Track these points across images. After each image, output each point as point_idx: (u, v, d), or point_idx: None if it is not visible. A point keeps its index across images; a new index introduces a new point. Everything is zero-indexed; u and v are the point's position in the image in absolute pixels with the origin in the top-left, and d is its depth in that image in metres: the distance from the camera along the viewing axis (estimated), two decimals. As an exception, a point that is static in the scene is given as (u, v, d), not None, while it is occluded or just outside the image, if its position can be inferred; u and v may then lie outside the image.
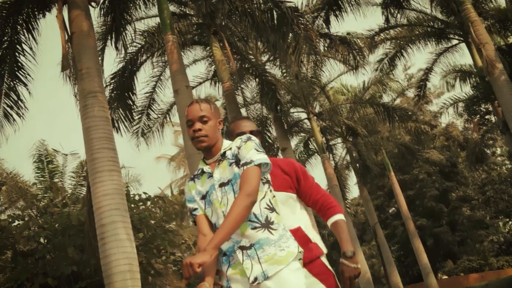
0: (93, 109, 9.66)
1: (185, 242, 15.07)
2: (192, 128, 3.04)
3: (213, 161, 3.09)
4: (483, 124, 23.18)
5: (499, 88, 15.56)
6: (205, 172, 3.09)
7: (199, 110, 3.05)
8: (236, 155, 3.03)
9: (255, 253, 2.82)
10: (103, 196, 9.07)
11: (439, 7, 22.40)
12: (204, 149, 3.06)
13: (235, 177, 2.95)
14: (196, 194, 3.12)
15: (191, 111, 3.07)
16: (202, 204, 3.07)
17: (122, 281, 8.62)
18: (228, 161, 3.03)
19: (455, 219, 32.15)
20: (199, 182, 3.13)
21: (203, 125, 3.04)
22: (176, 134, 39.43)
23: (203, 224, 3.04)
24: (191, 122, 3.06)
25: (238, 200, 2.77)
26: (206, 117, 3.05)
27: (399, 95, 31.82)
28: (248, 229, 2.86)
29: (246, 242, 2.85)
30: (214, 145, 3.07)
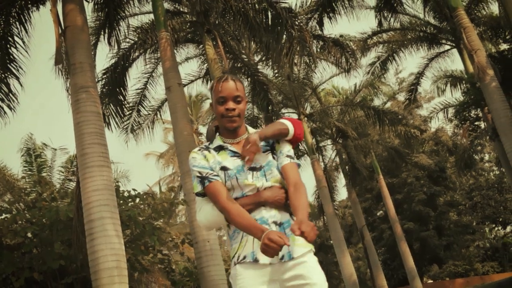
0: (85, 104, 9.62)
1: (172, 240, 15.02)
2: (225, 106, 2.94)
3: (235, 142, 3.02)
4: (473, 130, 23.29)
5: (489, 95, 15.65)
6: (226, 150, 3.01)
7: (235, 89, 2.96)
8: (272, 143, 3.02)
9: (283, 231, 2.82)
10: (93, 192, 9.03)
11: (432, 12, 22.52)
12: (233, 129, 2.98)
13: (269, 165, 2.93)
14: (214, 163, 2.99)
15: (226, 88, 2.94)
16: (222, 175, 2.95)
17: (109, 277, 8.58)
18: (262, 147, 2.97)
19: (442, 223, 32.32)
20: (217, 155, 3.02)
21: (237, 105, 2.95)
22: (166, 131, 39.35)
23: (225, 190, 2.92)
24: (224, 99, 2.94)
25: (304, 193, 2.83)
26: (240, 97, 2.96)
27: (390, 99, 31.99)
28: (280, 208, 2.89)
29: (278, 219, 2.85)
30: (241, 126, 3.02)
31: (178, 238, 15.39)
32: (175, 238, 15.33)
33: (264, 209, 2.84)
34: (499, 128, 15.56)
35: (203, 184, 2.96)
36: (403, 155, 29.64)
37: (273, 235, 2.56)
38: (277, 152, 3.00)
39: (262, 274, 2.79)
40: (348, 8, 19.75)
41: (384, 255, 34.92)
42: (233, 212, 2.81)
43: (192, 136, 13.49)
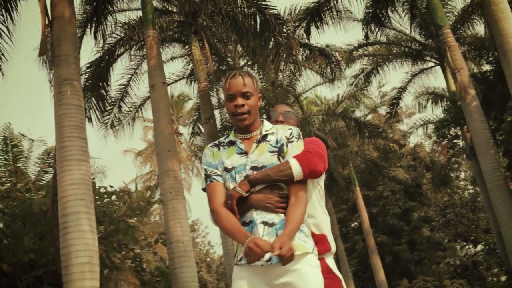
0: (68, 96, 9.54)
1: (146, 238, 14.94)
2: (234, 103, 2.90)
3: (246, 138, 2.97)
4: (451, 147, 23.54)
5: (469, 114, 15.81)
6: (235, 145, 2.98)
7: (243, 85, 2.90)
8: (282, 144, 2.94)
9: (275, 232, 2.76)
10: (70, 185, 8.95)
11: (418, 28, 22.72)
12: (245, 126, 2.92)
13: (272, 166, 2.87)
14: (219, 163, 2.98)
15: (234, 84, 2.90)
16: (224, 176, 2.94)
17: (81, 273, 8.50)
18: (269, 147, 2.92)
19: (414, 238, 32.52)
20: (224, 152, 2.99)
21: (246, 100, 2.90)
22: (146, 129, 39.16)
23: (222, 192, 2.91)
24: (233, 96, 2.90)
25: (300, 208, 2.79)
26: (250, 93, 2.91)
27: (371, 111, 32.16)
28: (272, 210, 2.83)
29: (270, 219, 2.79)
30: (253, 123, 2.95)
31: (151, 237, 15.30)
32: (149, 237, 15.24)
33: (255, 211, 2.81)
34: (477, 147, 15.73)
35: (206, 181, 2.98)
36: (380, 168, 29.82)
37: (259, 240, 2.56)
38: (285, 157, 2.93)
39: (256, 276, 2.75)
40: (336, 18, 19.83)
41: (355, 266, 35.04)
42: (221, 214, 2.81)
43: (172, 136, 13.45)
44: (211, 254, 48.34)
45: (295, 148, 2.93)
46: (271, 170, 2.83)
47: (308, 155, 2.92)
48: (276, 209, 2.80)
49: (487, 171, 15.25)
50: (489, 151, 15.34)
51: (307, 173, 2.87)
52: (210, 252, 48.49)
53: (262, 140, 2.94)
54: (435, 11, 17.07)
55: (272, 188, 2.86)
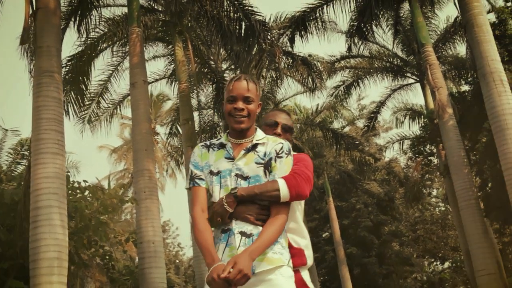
0: (47, 88, 9.43)
1: (116, 237, 14.81)
2: (234, 105, 2.89)
3: (238, 143, 2.96)
4: (425, 164, 23.76)
5: (446, 132, 15.99)
6: (225, 149, 2.97)
7: (246, 89, 2.90)
8: (270, 158, 2.92)
9: (251, 243, 2.75)
10: (44, 179, 8.84)
11: (401, 44, 22.98)
12: (240, 130, 2.92)
13: (256, 178, 2.87)
14: (205, 166, 2.97)
15: (238, 87, 2.90)
16: (208, 179, 2.94)
17: (49, 268, 8.40)
18: (257, 158, 2.91)
19: (384, 252, 32.74)
20: (213, 155, 2.98)
21: (247, 105, 2.90)
22: (122, 126, 38.86)
23: (204, 198, 2.92)
24: (234, 98, 2.90)
25: (275, 226, 2.78)
26: (251, 98, 2.91)
27: (349, 123, 32.35)
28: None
29: (248, 230, 2.79)
30: (248, 129, 2.95)
31: (122, 236, 15.17)
32: (119, 236, 15.11)
33: (234, 221, 2.81)
34: (451, 166, 15.90)
35: (190, 183, 2.98)
36: (355, 180, 29.99)
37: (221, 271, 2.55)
38: (272, 172, 2.92)
39: None
40: (321, 29, 19.94)
41: (324, 276, 35.15)
42: (199, 227, 2.81)
43: (150, 135, 13.37)
44: (180, 255, 48.12)
45: (283, 165, 2.92)
46: (258, 189, 2.82)
47: (297, 178, 2.91)
48: (255, 221, 2.81)
49: (460, 190, 15.42)
50: (462, 170, 15.52)
51: (294, 196, 2.88)
52: (180, 254, 48.28)
53: (252, 149, 2.93)
54: (418, 29, 17.25)
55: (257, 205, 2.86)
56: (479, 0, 14.83)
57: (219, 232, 2.85)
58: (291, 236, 3.12)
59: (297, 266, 3.08)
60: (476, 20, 14.33)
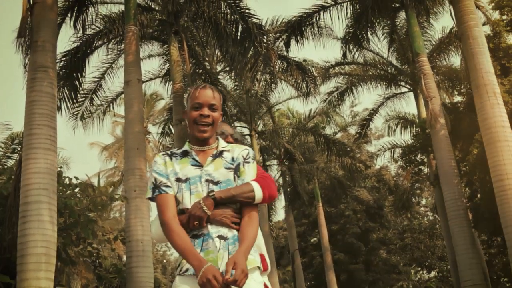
0: (41, 83, 9.41)
1: (105, 234, 14.77)
2: (200, 112, 2.91)
3: (201, 150, 2.98)
4: (415, 173, 23.85)
5: (437, 142, 16.08)
6: (189, 156, 2.98)
7: (212, 96, 2.95)
8: (239, 163, 2.97)
9: (227, 246, 2.78)
10: (34, 174, 8.82)
11: (395, 53, 23.06)
12: (204, 138, 2.95)
13: (226, 183, 2.90)
14: (171, 173, 2.96)
15: (203, 95, 2.94)
16: (175, 186, 2.93)
17: (36, 263, 8.38)
18: (226, 163, 2.95)
19: (371, 259, 32.82)
20: (177, 163, 2.97)
21: (212, 113, 2.93)
22: (114, 124, 38.74)
23: (173, 205, 2.89)
24: (200, 105, 2.92)
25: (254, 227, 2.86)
26: (216, 106, 2.95)
27: (341, 130, 32.43)
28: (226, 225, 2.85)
29: (224, 233, 2.81)
30: (212, 136, 2.99)
31: (110, 234, 15.14)
32: (108, 233, 15.08)
33: (210, 225, 2.82)
34: (441, 175, 15.99)
35: (154, 192, 2.94)
36: (345, 186, 30.05)
37: (217, 273, 2.59)
38: (240, 176, 2.96)
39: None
40: (317, 34, 20.03)
41: (311, 281, 35.19)
42: (173, 229, 2.80)
43: (142, 134, 13.37)
44: (167, 255, 48.02)
45: (251, 169, 2.99)
46: (234, 191, 2.86)
47: (266, 180, 3.01)
48: (231, 224, 2.84)
49: (449, 200, 15.50)
50: (452, 180, 15.61)
51: (266, 197, 2.95)
52: (167, 254, 48.18)
53: (218, 156, 2.97)
54: (414, 38, 17.34)
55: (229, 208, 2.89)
56: (475, 12, 14.93)
57: (191, 238, 2.83)
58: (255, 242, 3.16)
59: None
60: (471, 32, 14.41)
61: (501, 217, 13.17)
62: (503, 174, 13.05)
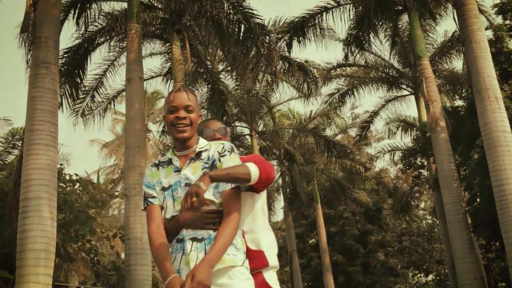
0: (43, 79, 9.42)
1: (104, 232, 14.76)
2: (176, 115, 2.96)
3: (183, 155, 3.02)
4: (415, 177, 23.85)
5: (437, 146, 16.08)
6: (172, 164, 3.02)
7: (187, 98, 2.99)
8: (214, 160, 2.97)
9: (203, 247, 2.81)
10: (35, 170, 8.83)
11: (397, 56, 23.08)
12: (183, 140, 2.98)
13: None
14: (156, 183, 3.03)
15: (178, 98, 2.99)
16: (161, 195, 2.99)
17: (35, 259, 8.38)
18: (202, 164, 2.96)
19: (369, 261, 32.78)
20: (163, 172, 3.04)
21: (188, 114, 2.97)
22: (115, 122, 38.71)
23: (158, 214, 2.96)
24: (175, 108, 2.97)
25: (229, 228, 2.81)
26: (192, 107, 2.99)
27: (341, 132, 32.42)
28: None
29: (199, 235, 2.83)
30: (190, 138, 3.01)
31: (109, 231, 15.13)
32: (106, 231, 15.07)
33: (185, 230, 2.87)
34: (441, 179, 15.99)
35: (144, 204, 3.04)
36: (344, 188, 30.02)
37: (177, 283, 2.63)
38: None
39: None
40: (319, 36, 20.04)
41: (308, 282, 35.18)
42: (154, 243, 2.87)
43: (143, 132, 13.37)
44: (165, 254, 47.96)
45: (228, 162, 2.97)
46: (230, 169, 2.88)
47: (263, 163, 3.03)
48: (204, 226, 2.85)
49: (449, 204, 15.51)
50: (452, 184, 15.62)
51: (263, 177, 2.97)
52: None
53: (196, 158, 2.99)
54: (416, 41, 17.34)
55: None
56: (478, 17, 14.92)
57: (175, 242, 2.90)
58: (250, 237, 3.15)
59: (258, 268, 3.10)
60: (474, 36, 14.42)
61: (500, 222, 13.18)
62: (504, 179, 13.06)
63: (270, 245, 3.26)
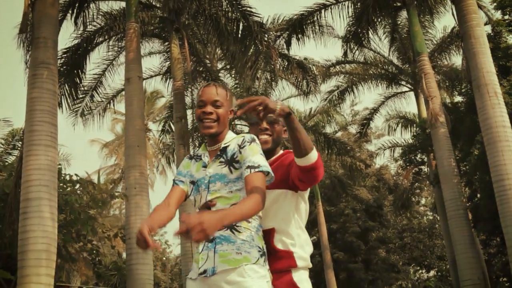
0: (42, 80, 9.42)
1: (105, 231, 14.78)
2: (203, 110, 2.94)
3: (212, 150, 3.01)
4: (416, 173, 23.85)
5: (437, 142, 16.07)
6: (202, 159, 3.02)
7: (215, 93, 2.96)
8: (233, 154, 2.92)
9: (214, 246, 2.79)
10: (35, 170, 8.83)
11: (396, 52, 23.06)
12: (210, 135, 2.97)
13: (215, 177, 2.89)
14: (187, 174, 3.05)
15: (206, 92, 2.97)
16: (190, 188, 3.01)
17: (37, 260, 8.38)
18: (222, 159, 2.93)
19: (370, 258, 32.78)
20: (194, 165, 3.05)
21: (216, 109, 2.94)
22: (114, 121, 38.73)
23: (175, 194, 2.97)
24: (203, 103, 2.95)
25: (250, 201, 2.65)
26: (220, 102, 2.95)
27: (341, 129, 32.41)
28: None
29: None
30: (220, 133, 2.98)
31: (110, 231, 15.14)
32: (108, 231, 15.08)
33: None
34: (441, 175, 15.99)
35: (172, 185, 3.06)
36: (345, 185, 30.04)
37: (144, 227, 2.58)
38: (239, 162, 2.90)
39: None
40: (318, 33, 20.01)
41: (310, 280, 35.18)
42: (154, 209, 2.91)
43: (143, 131, 13.36)
44: (167, 253, 48.01)
45: (248, 151, 2.89)
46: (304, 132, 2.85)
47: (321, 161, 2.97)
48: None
49: (449, 200, 15.51)
50: (452, 180, 15.61)
51: (319, 167, 2.93)
52: (167, 251, 48.15)
53: (221, 154, 2.95)
54: (415, 38, 17.32)
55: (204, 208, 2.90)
56: (477, 12, 14.91)
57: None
58: (279, 237, 3.06)
59: (285, 268, 3.01)
60: (473, 31, 14.41)
61: (501, 217, 13.19)
62: (504, 174, 13.07)
63: (302, 244, 3.17)
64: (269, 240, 3.01)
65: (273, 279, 2.91)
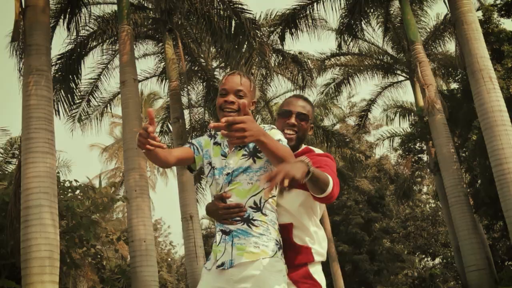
0: (37, 87, 9.42)
1: (108, 235, 14.79)
2: (225, 99, 2.88)
3: None
4: (415, 161, 23.87)
5: (435, 129, 16.10)
6: (221, 146, 2.96)
7: (239, 83, 2.90)
8: (255, 145, 2.86)
9: (231, 239, 2.78)
10: (34, 178, 8.83)
11: (391, 42, 23.04)
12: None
13: (238, 170, 2.85)
14: (206, 154, 3.00)
15: (230, 81, 2.91)
16: (208, 170, 2.96)
17: (40, 267, 8.39)
18: (244, 151, 2.88)
19: (375, 249, 32.82)
20: (213, 149, 2.99)
21: (238, 99, 2.88)
22: (113, 125, 38.74)
23: (182, 151, 2.94)
24: (226, 91, 2.89)
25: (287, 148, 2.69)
26: (243, 92, 2.89)
27: (339, 121, 32.42)
28: None
29: (226, 228, 2.81)
30: None
31: (113, 235, 15.16)
32: (111, 234, 15.10)
33: (217, 222, 2.90)
34: (441, 162, 16.01)
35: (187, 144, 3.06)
36: (346, 177, 30.02)
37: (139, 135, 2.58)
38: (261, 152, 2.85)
39: (219, 281, 2.78)
40: (311, 26, 19.99)
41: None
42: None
43: (141, 134, 13.34)
44: (172, 254, 48.07)
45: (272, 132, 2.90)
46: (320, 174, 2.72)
47: (335, 174, 2.89)
48: (221, 221, 2.84)
49: (449, 186, 15.53)
50: (452, 166, 15.64)
51: (334, 194, 2.81)
52: (172, 252, 48.22)
53: (243, 146, 2.89)
54: (408, 26, 17.33)
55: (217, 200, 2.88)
56: (468, -2, 14.91)
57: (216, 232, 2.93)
58: (296, 233, 3.05)
59: (303, 262, 3.02)
60: (465, 17, 14.41)
61: (501, 201, 13.22)
62: (502, 158, 13.09)
63: (320, 241, 3.15)
64: (287, 235, 3.01)
65: (289, 272, 2.93)
